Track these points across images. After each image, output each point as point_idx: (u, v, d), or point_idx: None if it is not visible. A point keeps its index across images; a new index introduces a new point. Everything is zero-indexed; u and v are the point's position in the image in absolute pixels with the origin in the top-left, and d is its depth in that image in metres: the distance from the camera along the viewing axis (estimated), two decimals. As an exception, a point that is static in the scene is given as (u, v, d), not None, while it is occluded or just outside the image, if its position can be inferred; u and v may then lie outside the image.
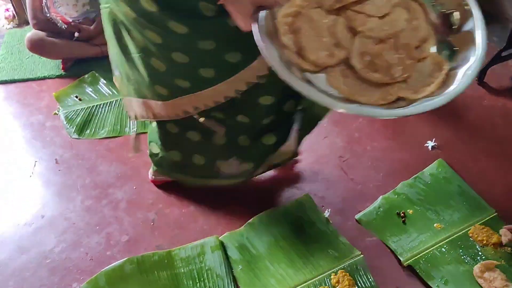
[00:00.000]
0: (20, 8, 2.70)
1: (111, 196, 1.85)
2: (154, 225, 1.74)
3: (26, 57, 2.49)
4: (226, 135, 1.50)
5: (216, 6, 1.12)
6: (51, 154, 2.01)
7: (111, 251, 1.67)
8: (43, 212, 1.79)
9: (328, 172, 1.90)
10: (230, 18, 1.07)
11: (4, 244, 1.69)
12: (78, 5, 2.40)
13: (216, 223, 1.74)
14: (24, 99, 2.29)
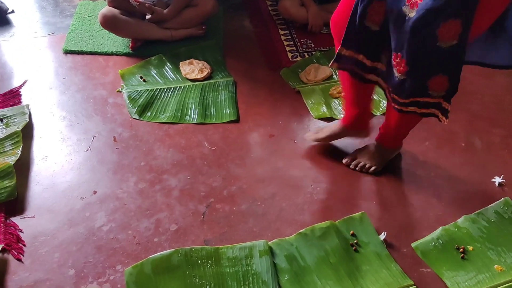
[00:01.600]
0: (96, -18, 2.73)
1: (164, 182, 1.83)
2: (204, 219, 1.71)
3: (96, 31, 2.51)
4: None
5: None
6: (110, 131, 2.01)
7: (159, 238, 1.64)
8: (96, 188, 1.79)
9: (387, 193, 1.82)
10: None
11: (55, 214, 1.70)
12: None
13: (266, 228, 1.69)
14: (89, 72, 2.31)
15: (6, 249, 1.57)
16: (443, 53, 1.39)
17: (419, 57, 1.43)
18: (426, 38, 1.38)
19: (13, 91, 2.16)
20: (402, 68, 1.47)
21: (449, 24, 1.33)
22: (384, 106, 2.16)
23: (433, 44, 1.37)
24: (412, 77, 1.49)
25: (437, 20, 1.33)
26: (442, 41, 1.36)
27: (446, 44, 1.36)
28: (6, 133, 1.90)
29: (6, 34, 2.52)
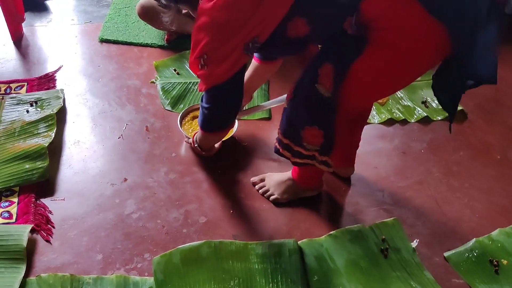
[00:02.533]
0: (134, -26, 2.75)
1: (195, 174, 1.81)
2: (233, 213, 1.69)
3: (132, 22, 2.53)
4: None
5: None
6: (142, 120, 2.01)
7: (188, 229, 1.63)
8: (126, 175, 1.78)
9: (420, 201, 1.79)
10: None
11: (85, 198, 1.70)
12: None
13: (295, 227, 1.67)
14: (124, 61, 2.31)
15: (35, 230, 1.57)
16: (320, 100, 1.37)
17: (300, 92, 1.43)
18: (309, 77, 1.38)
19: (48, 75, 2.17)
20: (289, 93, 1.49)
21: (324, 69, 1.33)
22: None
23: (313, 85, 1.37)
24: (290, 111, 1.48)
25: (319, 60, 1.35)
26: (321, 84, 1.35)
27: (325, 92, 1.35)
28: (41, 116, 1.90)
29: (44, 19, 2.55)
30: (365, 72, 1.30)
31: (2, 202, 1.64)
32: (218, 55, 1.39)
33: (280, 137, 1.55)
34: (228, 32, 1.33)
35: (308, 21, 1.29)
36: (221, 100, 1.55)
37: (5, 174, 1.70)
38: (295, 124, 1.47)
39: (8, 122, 1.90)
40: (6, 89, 2.08)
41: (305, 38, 1.34)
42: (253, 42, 1.32)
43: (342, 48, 1.30)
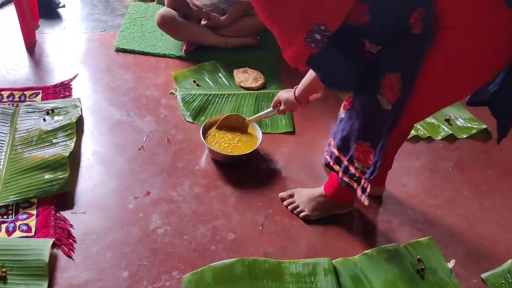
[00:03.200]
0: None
1: (220, 188, 1.74)
2: (262, 230, 1.62)
3: (148, 32, 2.47)
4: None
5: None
6: (163, 131, 1.94)
7: (216, 246, 1.55)
8: (149, 188, 1.71)
9: (452, 220, 1.74)
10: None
11: (107, 212, 1.61)
12: None
13: (328, 245, 1.60)
14: (141, 71, 2.25)
15: (56, 244, 1.48)
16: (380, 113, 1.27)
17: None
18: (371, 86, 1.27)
19: (64, 83, 2.09)
20: (347, 103, 1.39)
21: (388, 78, 1.22)
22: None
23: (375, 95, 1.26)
24: (345, 121, 1.39)
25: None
26: (383, 95, 1.25)
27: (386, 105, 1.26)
28: (60, 124, 1.82)
29: (57, 27, 2.48)
30: (432, 79, 1.20)
31: (20, 214, 1.55)
32: (284, 37, 1.22)
33: (333, 149, 1.46)
34: (283, 13, 1.17)
35: (371, 8, 1.14)
36: (327, 71, 1.31)
37: (23, 185, 1.61)
38: (350, 136, 1.38)
39: (24, 130, 1.81)
40: (20, 96, 1.99)
41: (361, 29, 1.18)
42: (320, 31, 1.15)
43: (408, 53, 1.18)
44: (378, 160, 1.34)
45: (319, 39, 1.16)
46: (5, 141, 1.77)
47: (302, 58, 1.23)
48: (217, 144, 1.85)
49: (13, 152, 1.73)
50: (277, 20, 1.20)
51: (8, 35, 2.37)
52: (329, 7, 1.13)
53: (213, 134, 1.89)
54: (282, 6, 1.17)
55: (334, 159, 1.47)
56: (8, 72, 2.14)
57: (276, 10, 1.18)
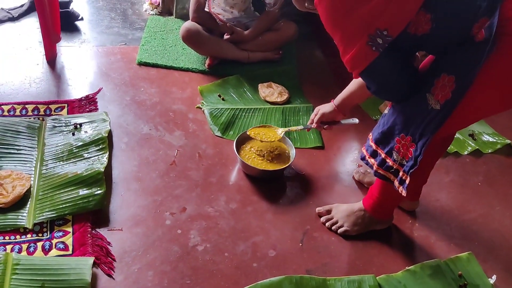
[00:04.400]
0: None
1: (256, 204, 1.72)
2: (302, 246, 1.60)
3: (169, 46, 2.45)
4: None
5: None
6: (193, 146, 1.91)
7: (258, 263, 1.52)
8: (185, 204, 1.68)
9: (487, 235, 1.74)
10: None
11: (144, 228, 1.57)
12: (234, 10, 2.38)
13: (369, 261, 1.59)
14: (165, 85, 2.22)
15: (95, 263, 1.44)
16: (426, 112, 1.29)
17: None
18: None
19: (89, 97, 2.06)
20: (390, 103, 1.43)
21: (442, 79, 1.24)
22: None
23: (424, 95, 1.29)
24: (389, 115, 1.41)
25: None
26: (433, 94, 1.27)
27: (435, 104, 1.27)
28: (91, 139, 1.79)
29: (76, 40, 2.44)
30: (488, 85, 1.20)
31: (55, 232, 1.50)
32: (346, 41, 1.24)
33: (370, 142, 1.48)
34: (345, 19, 1.20)
35: (433, 17, 1.16)
36: (380, 80, 1.34)
37: (57, 202, 1.57)
38: (392, 130, 1.39)
39: (54, 145, 1.77)
40: (45, 110, 1.95)
41: (421, 39, 1.20)
42: (382, 36, 1.17)
43: (467, 57, 1.18)
44: (419, 155, 1.34)
45: (380, 43, 1.19)
46: (34, 156, 1.73)
47: (362, 62, 1.24)
48: (250, 159, 1.83)
49: (44, 167, 1.69)
50: (341, 26, 1.23)
51: (28, 47, 2.33)
52: (392, 12, 1.15)
53: (248, 148, 1.88)
54: (347, 13, 1.19)
55: (371, 153, 1.48)
56: (31, 85, 2.09)
57: (341, 17, 1.21)
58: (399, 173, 1.42)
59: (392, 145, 1.40)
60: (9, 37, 2.39)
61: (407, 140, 1.35)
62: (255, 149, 1.87)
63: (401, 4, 1.14)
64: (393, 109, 1.39)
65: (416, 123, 1.32)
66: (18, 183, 1.58)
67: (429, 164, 1.63)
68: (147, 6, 2.76)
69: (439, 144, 1.48)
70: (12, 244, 1.45)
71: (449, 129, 1.33)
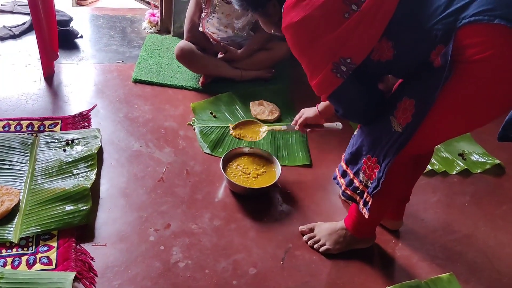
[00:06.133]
0: (167, 17, 2.76)
1: (240, 221, 1.75)
2: (283, 265, 1.61)
3: (165, 63, 2.51)
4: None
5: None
6: (182, 163, 1.95)
7: (238, 281, 1.54)
8: (169, 220, 1.71)
9: (471, 256, 1.74)
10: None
11: (128, 244, 1.60)
12: (228, 29, 2.43)
13: (350, 281, 1.59)
14: (159, 103, 2.28)
15: (77, 278, 1.47)
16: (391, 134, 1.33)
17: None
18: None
19: (83, 114, 2.11)
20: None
21: (403, 103, 1.29)
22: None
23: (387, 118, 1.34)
24: (357, 135, 1.46)
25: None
26: (396, 117, 1.31)
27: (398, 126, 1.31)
28: (81, 155, 1.83)
29: (75, 58, 2.51)
30: (447, 110, 1.23)
31: (40, 247, 1.54)
32: (312, 67, 1.32)
33: (342, 162, 1.54)
34: (312, 38, 1.26)
35: (394, 45, 1.22)
36: (346, 104, 1.41)
37: (44, 217, 1.61)
38: (359, 150, 1.45)
39: (44, 161, 1.82)
40: (39, 126, 2.01)
41: (385, 64, 1.26)
42: (346, 63, 1.24)
43: (426, 83, 1.23)
44: (382, 176, 1.39)
45: (344, 71, 1.25)
46: (25, 172, 1.78)
47: (328, 88, 1.31)
48: (236, 176, 1.86)
49: (33, 183, 1.74)
50: (307, 53, 1.30)
51: (27, 64, 2.40)
52: (355, 42, 1.22)
53: (235, 166, 1.91)
54: (313, 42, 1.26)
55: (341, 173, 1.54)
56: (27, 101, 2.16)
57: (307, 45, 1.28)
58: (364, 195, 1.46)
59: (359, 166, 1.45)
60: (10, 54, 2.47)
61: (373, 161, 1.40)
62: (242, 167, 1.90)
63: (363, 34, 1.21)
64: (361, 130, 1.44)
65: (381, 145, 1.37)
66: (7, 198, 1.63)
67: (408, 185, 1.65)
68: (146, 24, 2.84)
69: (412, 164, 1.50)
70: (-2, 258, 1.50)
71: (412, 150, 1.36)
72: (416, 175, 1.65)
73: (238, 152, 1.95)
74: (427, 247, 1.75)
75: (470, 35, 1.12)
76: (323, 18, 1.23)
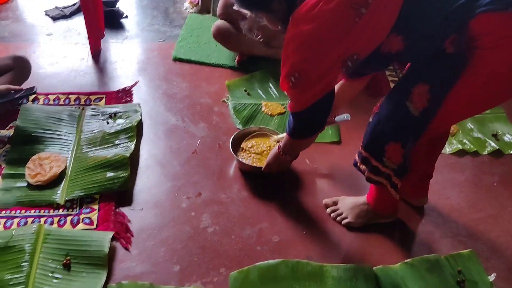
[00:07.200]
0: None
1: (266, 193, 1.83)
2: (305, 234, 1.69)
3: (203, 43, 2.61)
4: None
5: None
6: (214, 137, 2.06)
7: (261, 247, 1.64)
8: (201, 190, 1.82)
9: (494, 235, 1.75)
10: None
11: (162, 210, 1.74)
12: None
13: (369, 253, 1.66)
14: (196, 80, 2.39)
15: (115, 237, 1.61)
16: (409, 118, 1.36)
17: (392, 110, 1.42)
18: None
19: (125, 90, 2.26)
20: (375, 108, 1.47)
21: (418, 88, 1.31)
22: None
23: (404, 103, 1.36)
24: (375, 125, 1.46)
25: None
26: (412, 102, 1.33)
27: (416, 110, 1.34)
28: (122, 127, 1.98)
29: (120, 37, 2.66)
30: (464, 94, 1.28)
31: (83, 209, 1.70)
32: (312, 75, 1.37)
33: (361, 150, 1.56)
34: (324, 49, 1.31)
35: (404, 38, 1.28)
36: (311, 119, 1.55)
37: (87, 182, 1.76)
38: (380, 138, 1.47)
39: (89, 132, 1.98)
40: (86, 100, 2.17)
41: (396, 55, 1.33)
42: (352, 59, 1.30)
43: (441, 69, 1.28)
44: (408, 160, 1.44)
45: (350, 65, 1.32)
46: (72, 141, 1.94)
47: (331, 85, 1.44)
48: (246, 159, 1.92)
49: (79, 151, 1.90)
50: (315, 61, 1.36)
51: (76, 42, 2.58)
52: (364, 41, 1.29)
53: (245, 152, 1.96)
54: (325, 50, 1.33)
55: (361, 160, 1.56)
56: (75, 77, 2.33)
57: (317, 55, 1.34)
58: (391, 178, 1.51)
59: (382, 152, 1.48)
60: (61, 33, 2.66)
61: (397, 147, 1.43)
62: (254, 148, 1.96)
63: (372, 32, 1.27)
64: (377, 117, 1.47)
65: (402, 130, 1.41)
66: (55, 164, 1.80)
67: (429, 162, 1.69)
68: (187, 4, 2.94)
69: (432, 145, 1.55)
70: (46, 217, 1.66)
71: (430, 132, 1.41)
72: (435, 151, 1.68)
73: (246, 132, 2.01)
74: (450, 224, 1.78)
75: (484, 23, 1.17)
76: (335, 27, 1.29)
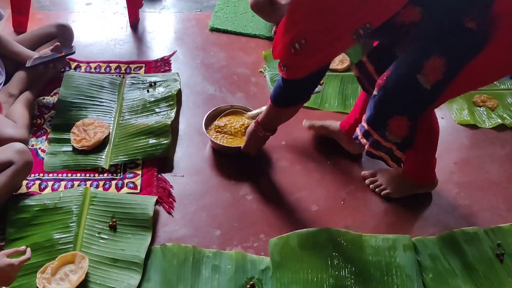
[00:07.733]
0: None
1: (304, 163, 1.85)
2: (344, 204, 1.71)
3: (240, 13, 2.60)
4: None
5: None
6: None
7: (300, 216, 1.67)
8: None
9: (536, 209, 1.74)
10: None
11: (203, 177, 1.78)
12: None
13: (408, 223, 1.67)
14: (232, 50, 2.39)
15: (158, 202, 1.66)
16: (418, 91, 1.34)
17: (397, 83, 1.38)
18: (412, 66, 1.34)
19: (164, 59, 2.28)
20: (381, 81, 1.42)
21: (432, 61, 1.28)
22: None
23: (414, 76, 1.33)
24: (380, 98, 1.42)
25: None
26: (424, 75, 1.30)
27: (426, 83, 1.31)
28: (162, 95, 2.01)
29: (158, 6, 2.67)
30: (480, 69, 1.28)
31: (127, 173, 1.75)
32: (320, 42, 1.29)
33: (363, 123, 1.53)
34: (338, 16, 1.24)
35: (423, 10, 1.24)
36: (305, 87, 1.52)
37: (130, 148, 1.81)
38: (384, 112, 1.45)
39: (130, 99, 2.02)
40: (126, 69, 2.20)
41: (409, 25, 1.28)
42: (365, 28, 1.24)
43: (460, 43, 1.26)
44: (413, 132, 1.44)
45: (361, 34, 1.26)
46: (114, 108, 1.98)
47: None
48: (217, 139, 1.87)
49: (121, 118, 1.94)
50: (328, 22, 1.28)
51: (115, 12, 2.60)
52: (381, 10, 1.23)
53: (215, 132, 1.91)
54: (341, 12, 1.26)
55: (363, 133, 1.52)
56: (115, 46, 2.36)
57: (331, 16, 1.27)
58: (393, 152, 1.50)
59: (386, 127, 1.45)
60: (100, 2, 2.68)
61: (403, 120, 1.42)
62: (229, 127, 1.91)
63: (389, 3, 1.22)
64: (383, 90, 1.42)
65: (409, 104, 1.40)
66: (99, 130, 1.84)
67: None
68: (223, -25, 2.92)
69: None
70: (91, 180, 1.72)
71: (438, 103, 1.43)
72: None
73: (218, 111, 1.96)
74: (490, 198, 1.77)
75: (509, 4, 1.17)
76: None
